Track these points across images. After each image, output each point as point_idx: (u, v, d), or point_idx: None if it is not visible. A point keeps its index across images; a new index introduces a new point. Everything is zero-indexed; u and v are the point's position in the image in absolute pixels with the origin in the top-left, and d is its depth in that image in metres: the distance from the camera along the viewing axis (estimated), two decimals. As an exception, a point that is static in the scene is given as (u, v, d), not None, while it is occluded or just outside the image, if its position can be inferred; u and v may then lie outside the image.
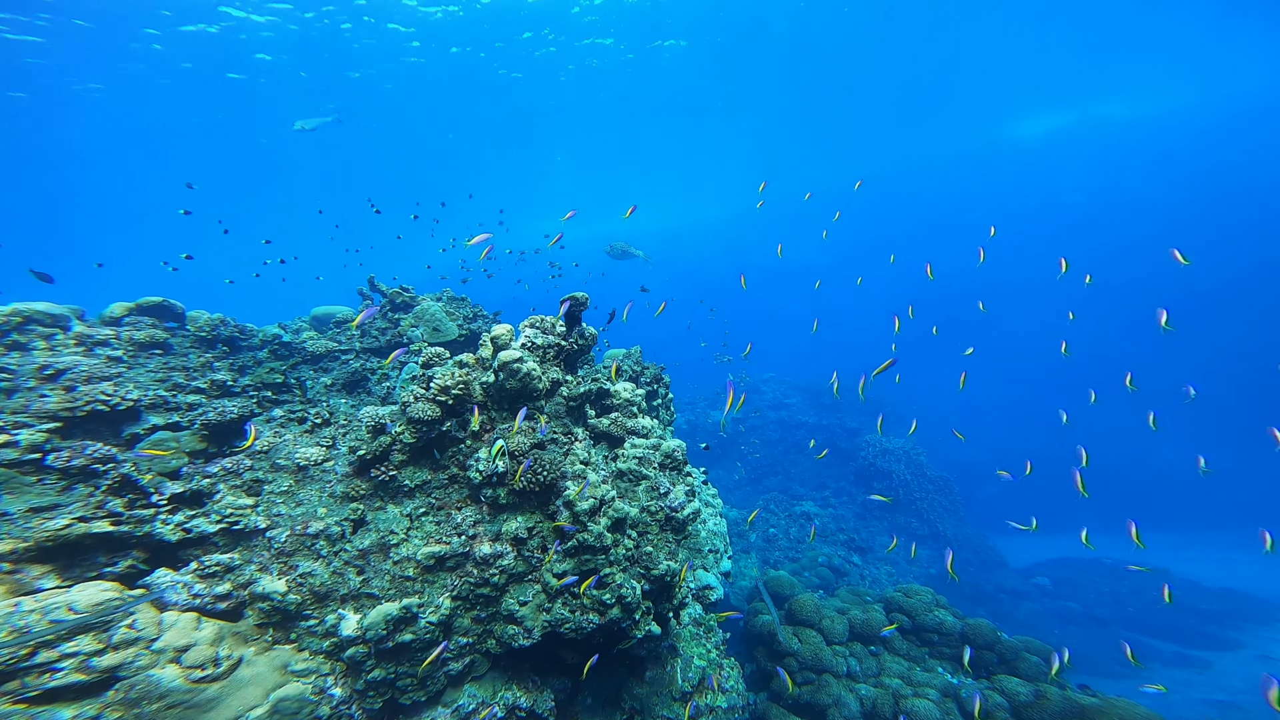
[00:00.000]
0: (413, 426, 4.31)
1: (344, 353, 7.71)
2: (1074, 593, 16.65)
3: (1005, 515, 23.09)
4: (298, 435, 4.61)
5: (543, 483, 4.44)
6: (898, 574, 17.29)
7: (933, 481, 20.10)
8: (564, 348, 4.90)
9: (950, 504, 19.91)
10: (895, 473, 20.28)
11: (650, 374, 6.47)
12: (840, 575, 16.27)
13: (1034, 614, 15.78)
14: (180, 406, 4.86)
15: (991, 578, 17.74)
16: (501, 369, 4.46)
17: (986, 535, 20.03)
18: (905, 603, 8.22)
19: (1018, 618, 15.65)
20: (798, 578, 14.81)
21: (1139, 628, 14.34)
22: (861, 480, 21.34)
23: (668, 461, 5.16)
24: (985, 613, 15.95)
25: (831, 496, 21.17)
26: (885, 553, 18.66)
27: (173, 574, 3.47)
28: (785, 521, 18.85)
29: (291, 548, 3.87)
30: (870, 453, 20.91)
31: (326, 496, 4.22)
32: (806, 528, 18.41)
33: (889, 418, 24.39)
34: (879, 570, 17.38)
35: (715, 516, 7.41)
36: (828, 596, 14.26)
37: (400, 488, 4.40)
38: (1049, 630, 14.93)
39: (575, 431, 4.99)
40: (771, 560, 17.22)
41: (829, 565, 16.53)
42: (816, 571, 15.89)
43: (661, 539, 4.98)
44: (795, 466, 22.60)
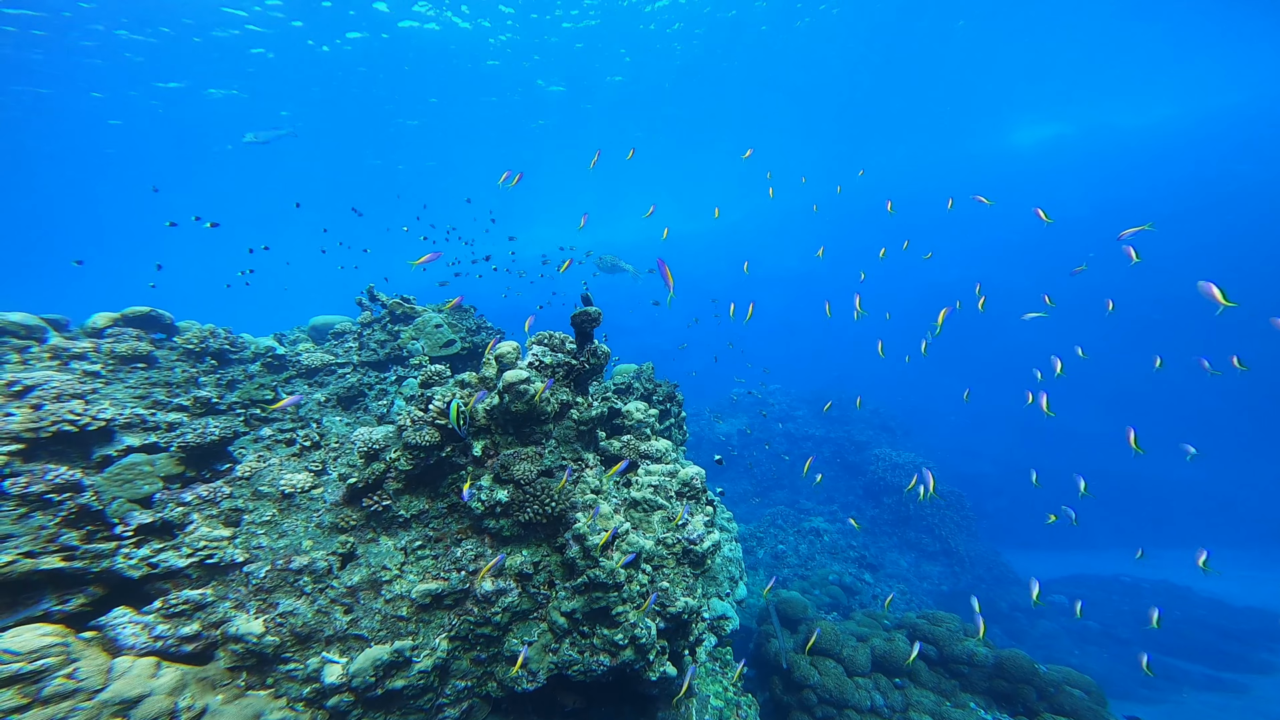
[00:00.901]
0: (409, 453, 3.93)
1: (341, 366, 7.35)
2: (1091, 611, 16.12)
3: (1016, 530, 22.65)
4: (284, 459, 4.24)
5: (550, 514, 4.06)
6: (910, 591, 16.80)
7: (944, 496, 19.63)
8: (574, 367, 4.53)
9: (962, 519, 19.43)
10: (905, 487, 19.82)
11: (663, 392, 6.10)
12: (851, 594, 15.76)
13: (1050, 633, 15.26)
14: (159, 426, 4.49)
15: (1005, 595, 17.22)
16: (506, 390, 4.10)
17: (998, 551, 19.53)
18: (931, 631, 7.76)
19: (1034, 637, 15.15)
20: (808, 596, 14.32)
21: (1164, 648, 13.80)
22: (870, 495, 20.89)
23: (685, 490, 4.78)
24: (999, 631, 15.44)
25: (840, 511, 20.72)
26: (896, 569, 18.19)
27: (132, 614, 3.09)
28: (794, 538, 18.37)
29: (272, 584, 3.48)
30: (880, 467, 20.46)
31: (314, 527, 3.84)
32: (816, 544, 17.94)
33: (895, 431, 23.96)
34: (891, 588, 16.88)
35: (730, 541, 7.00)
36: (842, 619, 13.74)
37: (395, 518, 4.02)
38: (1067, 650, 14.42)
39: (586, 457, 4.61)
40: (780, 578, 16.75)
41: (840, 583, 16.02)
42: (827, 590, 15.40)
43: (679, 573, 4.59)
44: (802, 479, 22.16)
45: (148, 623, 3.04)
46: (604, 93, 28.08)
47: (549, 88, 27.10)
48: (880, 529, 19.74)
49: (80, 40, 18.42)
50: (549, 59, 24.86)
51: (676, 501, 4.68)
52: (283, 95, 24.33)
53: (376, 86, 24.70)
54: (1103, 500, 23.18)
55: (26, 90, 20.44)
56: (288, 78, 22.86)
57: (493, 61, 24.47)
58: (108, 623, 2.97)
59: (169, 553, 3.38)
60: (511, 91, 27.34)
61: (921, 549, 18.97)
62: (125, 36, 19.18)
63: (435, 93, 26.27)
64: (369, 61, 23.04)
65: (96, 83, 21.13)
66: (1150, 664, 5.28)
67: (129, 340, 5.70)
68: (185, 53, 20.37)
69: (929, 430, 25.79)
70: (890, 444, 22.54)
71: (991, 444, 27.05)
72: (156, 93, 22.34)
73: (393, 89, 25.16)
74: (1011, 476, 24.70)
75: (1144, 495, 23.48)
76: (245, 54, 20.81)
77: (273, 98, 24.16)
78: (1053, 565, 20.01)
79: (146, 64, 20.76)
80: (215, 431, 4.07)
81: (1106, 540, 21.55)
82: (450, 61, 23.83)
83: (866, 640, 8.12)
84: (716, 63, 26.55)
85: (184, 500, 3.67)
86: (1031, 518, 22.33)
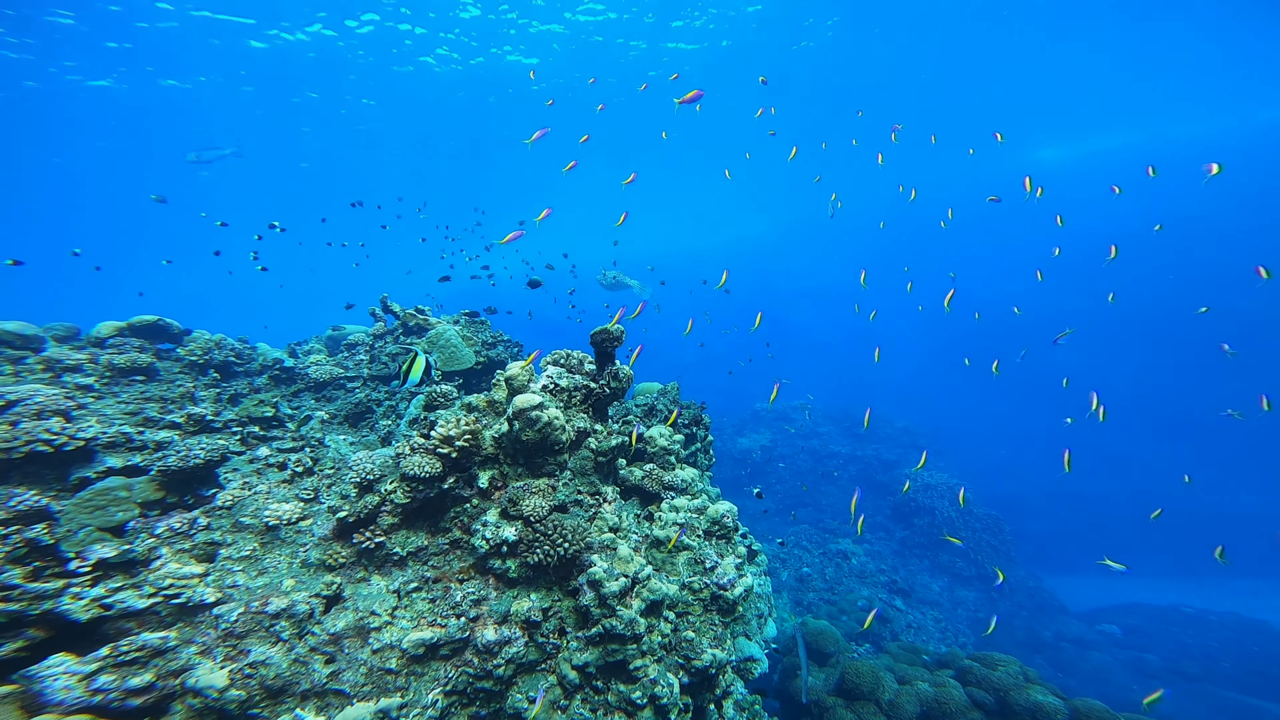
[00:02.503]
0: (406, 484, 3.52)
1: (350, 380, 7.04)
2: (1150, 644, 14.90)
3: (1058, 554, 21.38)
4: (273, 486, 3.87)
5: (562, 557, 3.61)
6: (945, 619, 15.85)
7: (980, 519, 18.64)
8: (593, 391, 4.09)
9: (1000, 544, 18.39)
10: (938, 509, 18.88)
11: (688, 415, 5.63)
12: (883, 621, 14.91)
13: (1104, 666, 14.12)
14: (146, 445, 4.17)
15: (1049, 624, 16.12)
16: (517, 417, 3.68)
17: (1039, 576, 18.40)
18: (987, 676, 7.02)
19: (1085, 670, 14.05)
20: (837, 624, 13.56)
21: (1239, 686, 12.61)
22: (900, 516, 19.97)
23: (715, 529, 4.28)
24: (1044, 661, 14.37)
25: (867, 533, 19.86)
26: (929, 594, 17.22)
27: (73, 661, 2.71)
28: (820, 559, 17.58)
29: (244, 628, 3.08)
30: (911, 487, 19.55)
31: (298, 564, 3.45)
32: (844, 567, 17.13)
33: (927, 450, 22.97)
34: (923, 615, 15.95)
35: (760, 575, 6.45)
36: (876, 651, 12.91)
37: (389, 556, 3.60)
38: (1125, 686, 13.30)
39: (604, 491, 4.15)
40: (805, 602, 15.94)
41: (870, 610, 15.19)
42: (856, 616, 14.59)
43: (705, 621, 4.09)
44: (826, 497, 21.35)
45: (88, 672, 2.66)
46: (626, 104, 27.94)
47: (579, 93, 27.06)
48: (911, 551, 18.81)
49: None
50: (574, 62, 24.87)
51: (705, 542, 4.19)
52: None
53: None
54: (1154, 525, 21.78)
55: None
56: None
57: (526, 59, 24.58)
58: (36, 673, 2.58)
59: (128, 591, 3.01)
60: (536, 99, 27.41)
61: (956, 573, 18.00)
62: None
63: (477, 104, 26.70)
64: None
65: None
66: (1229, 704, 4.57)
67: (130, 351, 5.45)
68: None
69: (962, 450, 24.66)
70: (921, 462, 21.58)
71: (1030, 465, 25.79)
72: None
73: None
74: (1053, 499, 23.39)
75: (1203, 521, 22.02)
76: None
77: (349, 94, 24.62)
78: (1100, 592, 18.75)
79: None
80: (200, 454, 3.72)
81: (1160, 568, 20.15)
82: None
83: (909, 682, 7.42)
84: (741, 72, 26.22)
85: (154, 532, 3.31)
86: (1075, 541, 21.10)
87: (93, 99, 21.98)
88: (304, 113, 25.18)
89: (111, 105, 22.49)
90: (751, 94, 27.93)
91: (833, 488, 21.44)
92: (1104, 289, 15.08)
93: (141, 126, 24.24)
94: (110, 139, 25.08)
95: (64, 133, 24.22)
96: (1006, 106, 30.88)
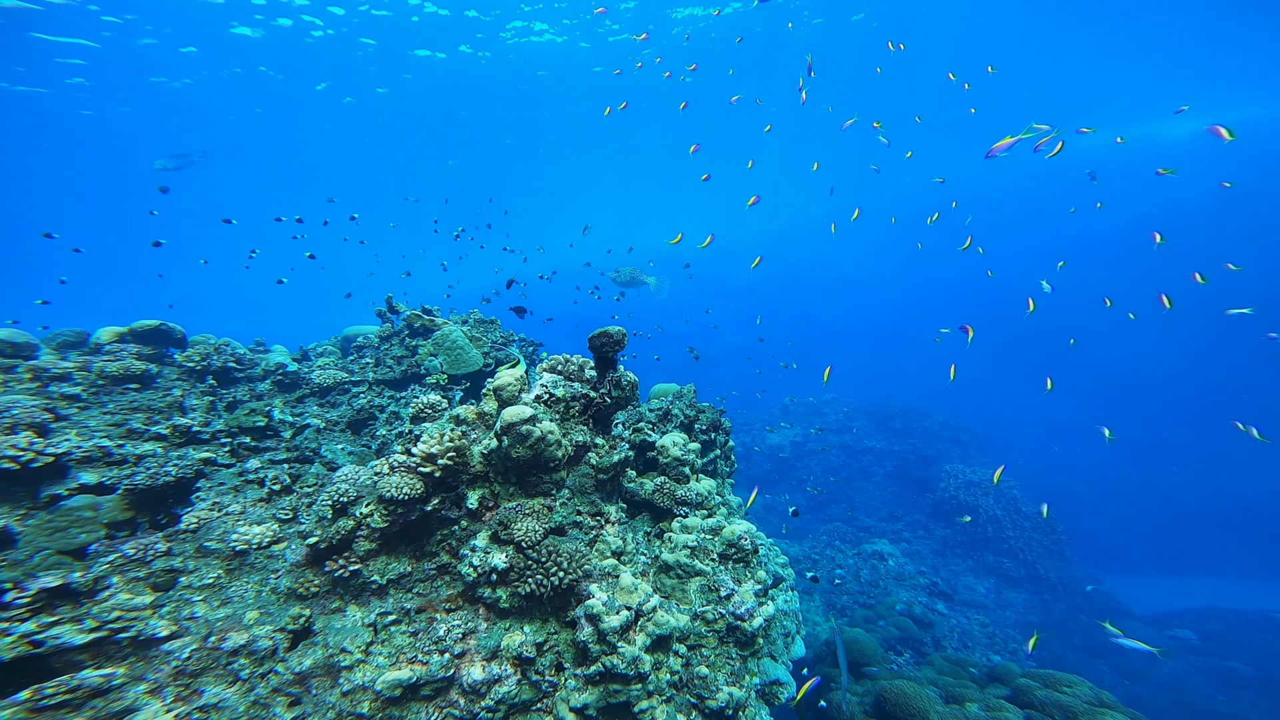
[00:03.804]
0: (385, 508, 3.17)
1: (356, 385, 6.80)
2: (1235, 651, 13.62)
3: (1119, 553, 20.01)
4: (247, 505, 3.59)
5: (556, 587, 3.21)
6: (992, 623, 14.92)
7: (1029, 518, 17.56)
8: (592, 401, 3.67)
9: (1053, 543, 17.27)
10: (983, 507, 17.87)
11: (706, 419, 5.16)
12: (924, 626, 14.05)
13: (1179, 674, 12.95)
14: (127, 459, 3.95)
15: None
16: (506, 432, 3.29)
17: (1099, 577, 17.17)
18: (1049, 697, 6.33)
19: (1156, 679, 12.91)
20: (873, 630, 12.89)
21: None
22: (940, 514, 19.01)
23: (732, 552, 3.81)
24: (1107, 668, 13.31)
25: (905, 530, 18.99)
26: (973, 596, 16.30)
27: None
28: (854, 561, 16.84)
29: (199, 666, 2.79)
30: (951, 484, 18.57)
31: (267, 593, 3.15)
32: (880, 569, 16.34)
33: (969, 445, 21.83)
34: (968, 619, 15.05)
35: (786, 590, 5.95)
36: (917, 660, 12.17)
37: (367, 585, 3.27)
38: (1210, 697, 12.17)
39: (606, 510, 3.74)
40: (839, 605, 15.25)
41: (909, 614, 14.36)
42: (895, 621, 13.79)
43: (721, 655, 3.65)
44: (861, 495, 20.52)
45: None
46: (654, 99, 27.33)
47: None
48: (952, 551, 17.88)
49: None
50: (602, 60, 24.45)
51: (721, 567, 3.74)
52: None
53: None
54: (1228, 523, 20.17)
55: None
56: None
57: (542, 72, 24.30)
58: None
59: (67, 626, 2.74)
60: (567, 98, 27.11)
61: (1003, 574, 17.00)
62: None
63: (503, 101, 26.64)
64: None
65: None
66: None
67: (127, 358, 5.29)
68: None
69: (1008, 444, 23.37)
70: (963, 459, 20.51)
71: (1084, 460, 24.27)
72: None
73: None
74: (1111, 494, 21.91)
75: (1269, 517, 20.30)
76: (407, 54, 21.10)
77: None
78: (1170, 594, 17.39)
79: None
80: (172, 471, 3.46)
81: (1240, 568, 18.59)
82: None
83: (959, 702, 6.80)
84: (780, 63, 25.28)
85: (106, 559, 3.06)
86: (1137, 541, 19.71)
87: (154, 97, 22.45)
88: (320, 104, 25.42)
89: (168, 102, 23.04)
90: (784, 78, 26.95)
91: (867, 484, 20.59)
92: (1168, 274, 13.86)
93: (167, 128, 24.96)
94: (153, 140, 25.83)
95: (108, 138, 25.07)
96: (1054, 89, 29.01)
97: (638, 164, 38.14)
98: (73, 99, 21.45)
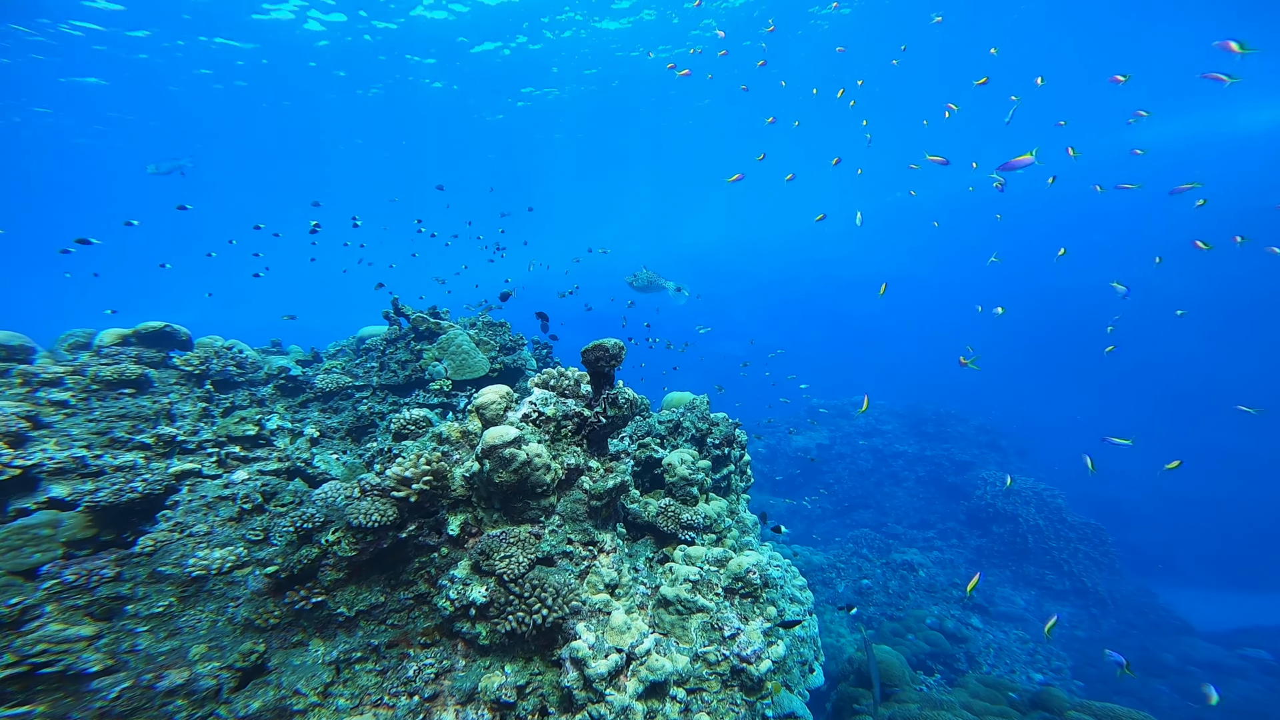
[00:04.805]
0: (353, 535, 2.89)
1: (360, 390, 6.62)
2: None
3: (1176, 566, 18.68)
4: (215, 525, 3.37)
5: (540, 625, 2.89)
6: (1032, 638, 14.04)
7: (1075, 529, 16.54)
8: (586, 420, 3.32)
9: (1102, 555, 16.21)
10: (1022, 517, 16.92)
11: (720, 433, 4.76)
12: (957, 641, 13.28)
13: (1254, 697, 11.86)
14: (104, 471, 3.79)
15: (1170, 645, 13.85)
16: (487, 455, 2.99)
17: (1153, 591, 16.01)
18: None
19: (1230, 701, 11.88)
20: (901, 645, 12.25)
21: None
22: (976, 523, 18.10)
23: (739, 586, 3.42)
24: (1167, 688, 12.29)
25: (937, 539, 18.14)
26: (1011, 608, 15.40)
27: None
28: (882, 571, 16.12)
29: (127, 707, 2.55)
30: (988, 492, 17.65)
31: (223, 624, 2.91)
32: (909, 580, 15.59)
33: (1007, 450, 20.76)
34: (1005, 634, 14.21)
35: (805, 615, 5.52)
36: (949, 678, 11.53)
37: (333, 617, 3.00)
38: None
39: (601, 539, 3.39)
40: (865, 617, 14.60)
41: (940, 628, 13.62)
42: (925, 635, 13.06)
43: (725, 701, 3.28)
44: (890, 500, 19.73)
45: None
46: (682, 99, 26.87)
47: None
48: (989, 561, 17.00)
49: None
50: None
51: (726, 602, 3.36)
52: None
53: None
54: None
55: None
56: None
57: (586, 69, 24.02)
58: None
59: None
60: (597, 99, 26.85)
61: (1045, 586, 16.05)
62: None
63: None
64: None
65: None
66: None
67: (125, 362, 5.18)
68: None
69: (1050, 449, 22.11)
70: (1000, 465, 19.53)
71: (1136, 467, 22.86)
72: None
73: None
74: (1167, 504, 20.57)
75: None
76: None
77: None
78: (1235, 612, 16.06)
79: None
80: (139, 487, 3.26)
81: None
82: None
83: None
84: (809, 58, 24.47)
85: (44, 585, 2.85)
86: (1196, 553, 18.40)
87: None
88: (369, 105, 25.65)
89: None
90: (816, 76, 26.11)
91: (898, 489, 19.79)
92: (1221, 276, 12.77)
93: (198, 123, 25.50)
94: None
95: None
96: (1095, 85, 27.39)
97: (646, 165, 37.60)
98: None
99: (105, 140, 25.52)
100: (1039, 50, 24.05)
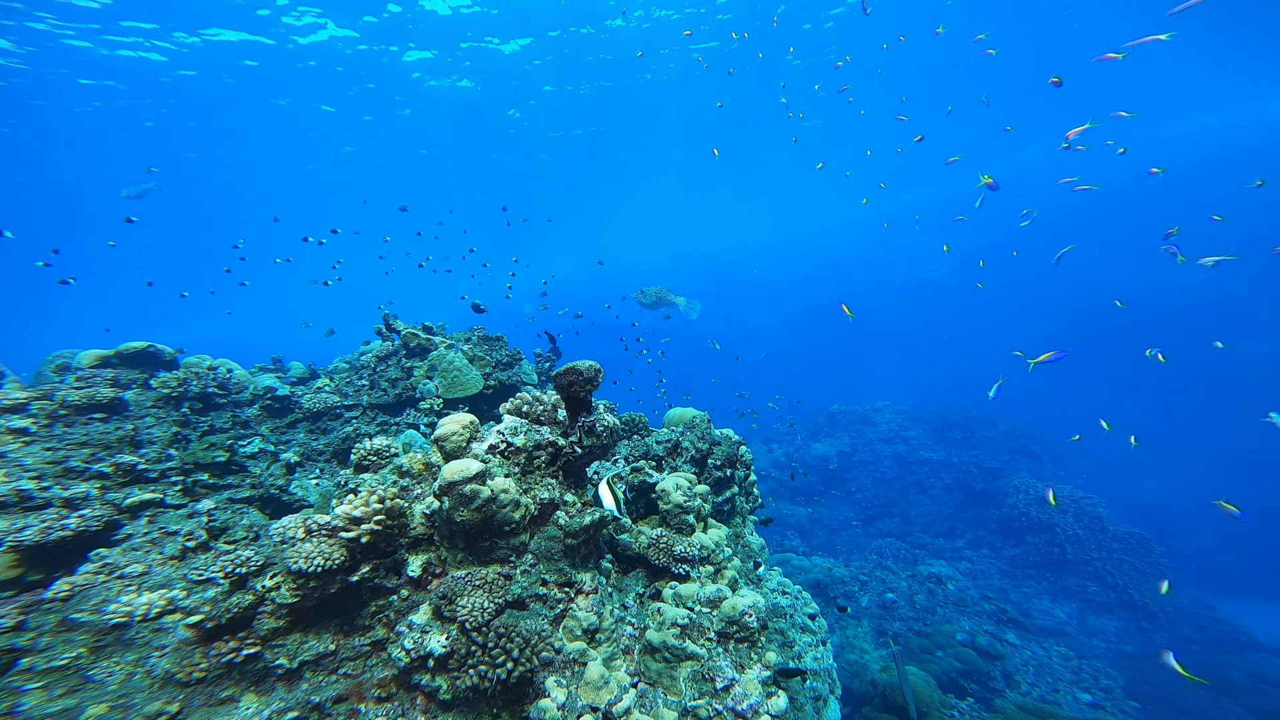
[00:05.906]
0: (295, 580, 2.56)
1: (349, 409, 6.36)
2: None
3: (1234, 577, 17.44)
4: (154, 564, 3.08)
5: (504, 680, 2.51)
6: (1075, 654, 13.09)
7: (1119, 539, 15.58)
8: (561, 450, 2.96)
9: (1149, 566, 15.19)
10: (1060, 526, 16.02)
11: (722, 453, 4.33)
12: (990, 658, 12.44)
13: None
14: (52, 503, 3.54)
15: (1238, 661, 12.77)
16: (447, 492, 2.65)
17: (1211, 604, 14.88)
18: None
19: None
20: (929, 664, 11.56)
21: None
22: (1008, 533, 17.22)
23: (734, 630, 3.01)
24: (1238, 708, 11.26)
25: (967, 549, 17.30)
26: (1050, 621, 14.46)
27: None
28: (907, 583, 15.34)
29: None
30: (1021, 500, 16.79)
31: (139, 678, 2.59)
32: (938, 593, 14.78)
33: (1040, 456, 19.79)
34: (1045, 650, 13.31)
35: (817, 645, 5.05)
36: (984, 700, 10.79)
37: (270, 670, 2.66)
38: None
39: (579, 580, 3.01)
40: (890, 632, 13.84)
41: (972, 645, 12.80)
42: (955, 653, 12.28)
43: (721, 763, 2.85)
44: (916, 508, 18.95)
45: None
46: (700, 102, 26.62)
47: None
48: (1024, 572, 16.10)
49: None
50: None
51: (719, 648, 2.95)
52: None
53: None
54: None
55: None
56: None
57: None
58: None
59: None
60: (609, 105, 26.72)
61: (1087, 599, 15.06)
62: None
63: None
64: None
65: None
66: None
67: (98, 385, 4.98)
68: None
69: (1087, 455, 21.05)
70: (1033, 472, 18.62)
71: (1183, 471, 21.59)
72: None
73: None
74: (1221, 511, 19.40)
75: None
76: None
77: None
78: None
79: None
80: (72, 524, 2.99)
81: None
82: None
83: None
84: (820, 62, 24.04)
85: None
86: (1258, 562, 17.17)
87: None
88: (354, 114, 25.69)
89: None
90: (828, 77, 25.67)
91: (924, 498, 19.01)
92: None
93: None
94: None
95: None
96: (1114, 83, 26.50)
97: (646, 171, 37.30)
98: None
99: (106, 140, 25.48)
100: (1092, 40, 23.25)
